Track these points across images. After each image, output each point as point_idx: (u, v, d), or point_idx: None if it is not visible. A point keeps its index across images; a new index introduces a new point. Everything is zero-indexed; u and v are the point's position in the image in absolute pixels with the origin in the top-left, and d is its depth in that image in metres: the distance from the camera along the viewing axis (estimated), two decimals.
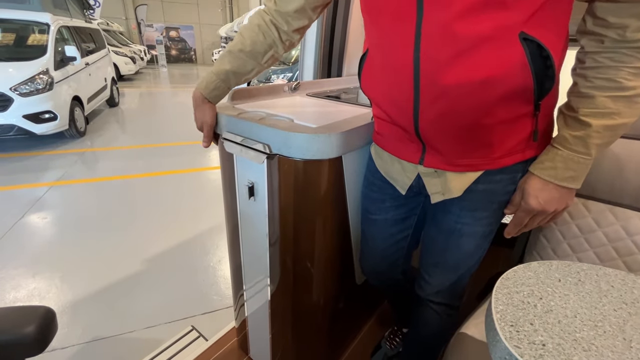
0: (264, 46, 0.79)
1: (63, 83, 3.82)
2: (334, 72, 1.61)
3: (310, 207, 0.84)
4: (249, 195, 0.86)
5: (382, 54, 0.62)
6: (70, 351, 1.38)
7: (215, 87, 0.81)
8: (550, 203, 0.60)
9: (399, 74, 0.59)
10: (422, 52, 0.54)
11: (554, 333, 0.33)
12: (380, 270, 0.97)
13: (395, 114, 0.66)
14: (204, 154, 3.89)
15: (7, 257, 1.95)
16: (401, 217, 0.85)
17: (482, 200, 0.69)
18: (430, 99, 0.57)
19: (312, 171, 0.80)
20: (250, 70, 0.81)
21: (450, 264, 0.80)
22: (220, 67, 0.80)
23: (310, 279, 0.96)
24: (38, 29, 3.97)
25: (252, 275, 1.04)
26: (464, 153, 0.63)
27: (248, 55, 0.79)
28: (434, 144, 0.64)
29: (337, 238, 0.97)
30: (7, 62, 3.55)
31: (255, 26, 0.78)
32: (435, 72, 0.54)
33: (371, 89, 0.71)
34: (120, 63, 8.39)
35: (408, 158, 0.71)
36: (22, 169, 3.17)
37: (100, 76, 5.16)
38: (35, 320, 0.41)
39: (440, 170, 0.68)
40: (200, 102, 0.83)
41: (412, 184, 0.75)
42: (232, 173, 0.91)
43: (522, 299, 0.38)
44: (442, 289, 0.85)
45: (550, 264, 0.44)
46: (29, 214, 2.41)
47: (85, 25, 5.15)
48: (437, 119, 0.59)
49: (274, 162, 0.78)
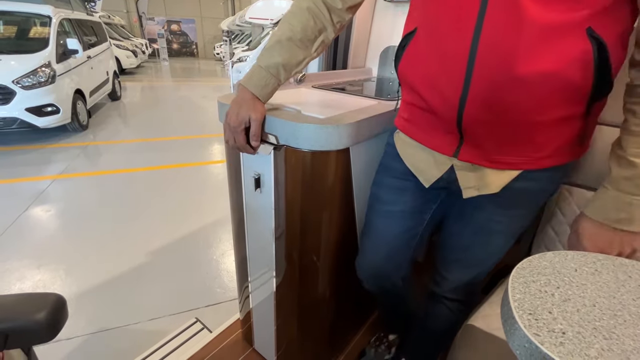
0: (315, 32, 0.72)
1: (65, 76, 3.81)
2: (339, 64, 1.59)
3: (317, 199, 0.83)
4: (255, 187, 0.84)
5: (434, 35, 0.57)
6: (75, 342, 1.39)
7: (266, 83, 0.72)
8: (610, 247, 0.56)
9: (450, 60, 0.55)
10: (482, 38, 0.50)
11: (573, 321, 0.33)
12: (383, 273, 0.90)
13: (436, 102, 0.61)
14: (206, 147, 3.88)
15: (12, 250, 1.96)
16: (418, 210, 0.80)
17: (518, 199, 0.65)
18: (482, 90, 0.53)
19: (319, 163, 0.78)
20: (301, 60, 0.74)
21: (472, 261, 0.78)
22: (269, 59, 0.71)
23: (315, 272, 0.94)
24: (40, 22, 3.96)
25: (257, 268, 1.03)
26: (506, 150, 0.59)
27: (299, 43, 0.71)
28: (475, 138, 0.60)
29: (343, 231, 0.95)
30: (10, 55, 3.55)
31: (304, 10, 0.71)
32: (493, 61, 0.50)
33: (411, 74, 0.65)
34: (122, 56, 8.37)
35: (441, 149, 0.66)
36: (25, 162, 3.18)
37: (102, 69, 5.15)
38: (46, 307, 0.41)
39: (477, 165, 0.63)
40: (249, 100, 0.72)
41: (441, 177, 0.70)
42: (238, 164, 0.90)
43: (538, 287, 0.37)
44: (459, 285, 0.84)
45: (566, 254, 0.44)
46: (33, 206, 2.42)
47: (87, 18, 5.12)
48: (485, 112, 0.55)
49: (281, 154, 0.76)
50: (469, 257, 0.78)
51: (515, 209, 0.68)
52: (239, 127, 0.71)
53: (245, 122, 0.71)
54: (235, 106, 0.72)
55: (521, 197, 0.65)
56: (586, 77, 0.50)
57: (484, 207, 0.69)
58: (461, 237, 0.77)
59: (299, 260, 0.91)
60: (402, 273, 0.90)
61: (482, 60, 0.51)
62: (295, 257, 0.91)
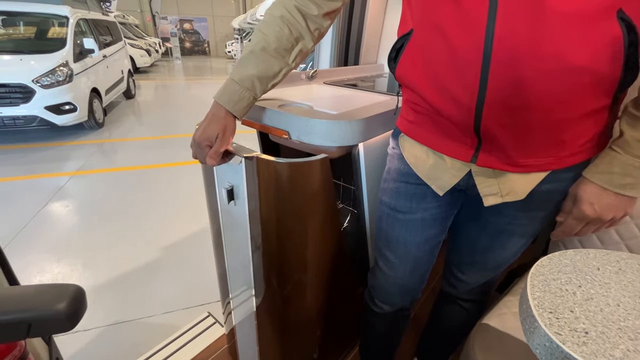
0: (291, 40, 0.67)
1: (82, 75, 3.89)
2: (350, 60, 1.58)
3: (295, 213, 0.76)
4: (229, 198, 0.76)
5: (437, 36, 0.52)
6: (93, 333, 1.43)
7: (239, 97, 0.66)
8: (608, 210, 0.54)
9: (461, 62, 0.50)
10: (497, 34, 0.46)
11: (596, 321, 0.32)
12: (407, 289, 0.83)
13: (446, 105, 0.56)
14: None
15: (32, 243, 2.02)
16: (441, 216, 0.73)
17: (541, 201, 0.62)
18: (501, 91, 0.49)
19: (295, 174, 0.71)
20: (277, 72, 0.68)
21: (490, 264, 0.75)
22: (242, 72, 0.66)
23: (299, 292, 0.88)
24: (58, 22, 4.05)
25: (237, 284, 0.97)
26: (530, 152, 0.55)
27: (273, 53, 0.66)
28: (496, 142, 0.55)
29: (328, 246, 0.87)
30: (29, 55, 3.65)
31: (277, 19, 0.67)
32: (512, 58, 0.46)
33: (411, 77, 0.60)
34: (136, 55, 8.51)
35: (456, 155, 0.60)
36: (45, 158, 3.27)
37: (117, 68, 5.24)
38: (66, 297, 0.42)
39: (498, 170, 0.58)
40: (221, 117, 0.67)
41: (458, 183, 0.64)
42: (211, 174, 0.83)
43: (559, 286, 0.36)
44: (475, 287, 0.81)
45: (588, 252, 0.42)
46: (52, 202, 2.49)
47: (103, 18, 5.22)
48: (506, 113, 0.50)
49: (251, 164, 0.68)
50: (487, 260, 0.75)
51: (538, 211, 0.64)
52: (203, 142, 0.66)
53: (211, 139, 0.66)
54: (205, 121, 0.67)
55: (545, 199, 0.62)
56: (615, 67, 0.46)
57: (504, 211, 0.65)
58: (479, 240, 0.73)
59: (280, 279, 0.84)
60: (424, 286, 0.85)
61: (499, 58, 0.47)
62: (275, 276, 0.83)
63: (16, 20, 4.07)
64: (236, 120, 0.69)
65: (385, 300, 0.86)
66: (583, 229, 0.59)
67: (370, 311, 0.91)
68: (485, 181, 0.61)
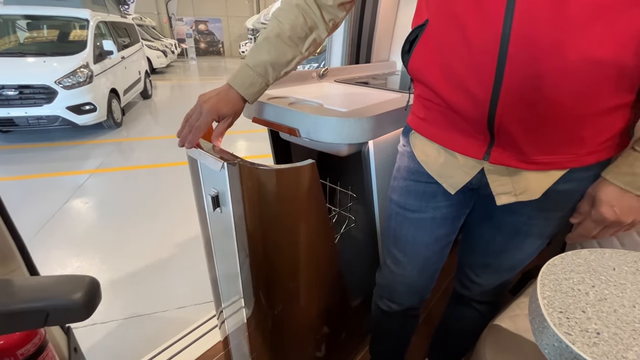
0: (305, 29, 0.68)
1: (101, 76, 4.02)
2: (362, 58, 1.58)
3: (284, 222, 0.71)
4: (214, 205, 0.72)
5: (452, 27, 0.51)
6: (110, 326, 1.48)
7: (251, 82, 0.67)
8: (628, 213, 0.52)
9: (476, 54, 0.48)
10: (515, 25, 0.44)
11: (609, 322, 0.31)
12: (415, 288, 0.82)
13: (459, 99, 0.54)
14: (232, 144, 3.97)
15: (54, 238, 2.10)
16: (452, 216, 0.72)
17: (559, 200, 0.59)
18: (517, 86, 0.47)
19: (282, 180, 0.66)
20: (290, 59, 0.69)
21: (505, 265, 0.73)
22: (256, 57, 0.67)
23: (292, 304, 0.84)
24: (79, 25, 4.19)
25: (228, 294, 0.94)
26: (546, 149, 0.53)
27: (287, 41, 0.67)
28: (510, 138, 0.53)
29: (319, 255, 0.82)
30: (52, 57, 3.78)
31: (293, 7, 0.67)
32: (530, 51, 0.44)
33: (425, 70, 0.58)
34: (153, 57, 8.70)
35: (468, 152, 0.59)
36: (66, 157, 3.39)
37: (135, 69, 5.38)
38: (82, 287, 0.43)
39: (513, 167, 0.56)
40: (232, 99, 0.67)
41: (470, 181, 0.62)
42: (198, 179, 0.81)
43: (571, 285, 0.35)
44: (489, 288, 0.79)
45: (603, 252, 0.41)
46: (72, 199, 2.58)
47: (121, 20, 5.37)
48: (522, 109, 0.48)
49: (235, 170, 0.64)
50: (502, 262, 0.72)
51: (555, 211, 0.61)
52: (211, 115, 0.65)
53: (221, 115, 0.66)
54: (215, 96, 0.66)
55: (562, 199, 0.59)
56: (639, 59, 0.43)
57: (520, 211, 0.63)
58: (492, 241, 0.71)
59: (270, 291, 0.80)
60: (433, 286, 0.84)
61: (516, 51, 0.45)
62: (264, 288, 0.79)
63: (40, 24, 4.23)
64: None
65: (393, 299, 0.85)
66: (601, 232, 0.57)
67: (378, 310, 0.90)
68: (498, 179, 0.59)
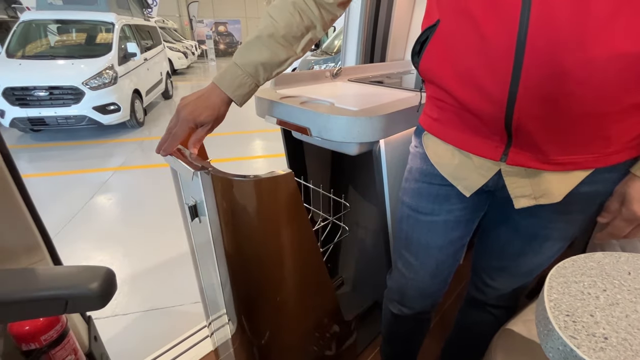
0: (301, 29, 0.64)
1: (125, 77, 4.17)
2: (377, 57, 1.57)
3: (261, 235, 0.66)
4: (192, 216, 0.69)
5: (465, 24, 0.49)
6: (130, 317, 1.54)
7: (241, 83, 0.63)
8: None
9: (491, 51, 0.46)
10: (532, 19, 0.42)
11: (619, 327, 0.29)
12: (428, 292, 0.79)
13: (473, 99, 0.52)
14: (248, 143, 4.03)
15: (80, 232, 2.21)
16: (465, 219, 0.69)
17: (581, 203, 0.56)
18: (537, 83, 0.44)
19: (257, 191, 0.61)
20: (284, 60, 0.65)
21: (522, 269, 0.70)
22: (246, 57, 0.63)
23: (276, 321, 0.79)
24: (105, 28, 4.37)
25: (213, 308, 0.90)
26: (569, 148, 0.50)
27: (281, 41, 0.63)
28: (529, 138, 0.50)
29: (306, 270, 0.77)
30: (80, 59, 3.96)
31: (288, 4, 0.64)
32: (550, 46, 0.42)
33: (437, 70, 0.56)
34: (174, 58, 8.95)
35: (484, 153, 0.56)
36: (91, 155, 3.55)
37: (157, 71, 5.55)
38: (99, 277, 0.45)
39: (532, 169, 0.54)
40: (216, 103, 0.63)
41: (486, 183, 0.60)
42: (179, 188, 0.77)
43: (581, 289, 0.34)
44: (505, 293, 0.76)
45: (619, 256, 0.39)
46: (97, 195, 2.69)
47: (144, 23, 5.55)
48: (542, 107, 0.46)
49: (207, 179, 0.59)
50: (519, 266, 0.70)
51: (577, 213, 0.58)
52: (189, 122, 0.62)
53: (199, 123, 0.62)
54: (197, 100, 0.63)
55: (585, 201, 0.56)
56: None
57: (538, 214, 0.60)
58: (510, 244, 0.68)
59: (251, 307, 0.76)
60: (445, 290, 0.81)
61: (535, 46, 0.43)
62: (245, 303, 0.75)
63: (69, 28, 4.43)
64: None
65: (404, 303, 0.83)
66: (632, 231, 0.54)
67: (389, 313, 0.89)
68: (517, 181, 0.56)
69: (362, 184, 1.25)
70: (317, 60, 4.71)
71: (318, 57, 4.81)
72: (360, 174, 1.24)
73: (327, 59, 4.65)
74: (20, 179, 0.74)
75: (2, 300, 0.43)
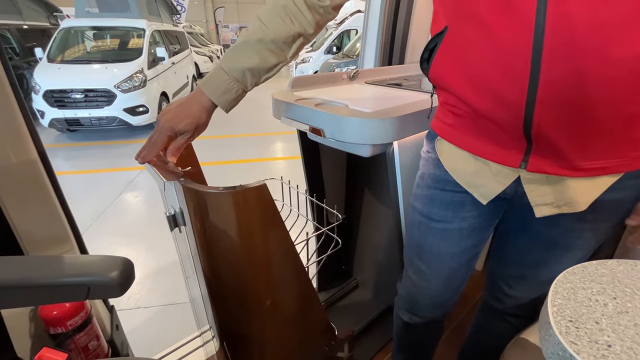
0: (292, 33, 0.61)
1: (154, 80, 4.36)
2: (395, 59, 1.56)
3: (239, 246, 0.62)
4: (171, 226, 0.65)
5: (475, 26, 0.48)
6: (151, 310, 1.61)
7: (227, 88, 0.60)
8: None
9: (507, 55, 0.45)
10: (549, 14, 0.40)
11: (625, 336, 0.28)
12: (440, 301, 0.77)
13: (488, 106, 0.50)
14: (271, 144, 4.10)
15: (107, 227, 2.33)
16: (480, 226, 0.67)
17: (606, 211, 0.54)
18: (556, 86, 0.43)
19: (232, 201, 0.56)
20: (273, 65, 0.63)
21: (543, 278, 0.66)
22: (234, 62, 0.60)
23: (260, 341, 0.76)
24: (136, 34, 4.59)
25: (202, 321, 0.88)
26: (593, 153, 0.47)
27: (271, 46, 0.60)
28: (552, 143, 0.48)
29: (288, 286, 0.72)
30: (113, 64, 4.19)
31: (279, 9, 0.60)
32: (570, 47, 0.40)
33: (448, 77, 0.55)
34: (200, 62, 9.24)
35: (503, 160, 0.54)
36: (121, 154, 3.73)
37: (183, 74, 5.77)
38: (119, 267, 0.48)
39: (554, 175, 0.51)
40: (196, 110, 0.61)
41: (504, 190, 0.57)
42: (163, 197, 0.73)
43: (588, 295, 0.33)
44: (525, 302, 0.73)
45: (635, 264, 0.37)
46: (125, 192, 2.83)
47: (173, 29, 5.79)
48: (563, 110, 0.44)
49: (181, 189, 0.55)
50: (539, 275, 0.66)
51: (601, 222, 0.55)
52: (165, 131, 0.60)
53: (177, 132, 0.60)
54: (178, 107, 0.61)
55: (610, 209, 0.54)
56: None
57: (560, 223, 0.57)
58: (529, 254, 0.65)
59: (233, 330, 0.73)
60: (457, 299, 0.79)
61: (553, 47, 0.41)
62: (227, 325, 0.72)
63: (104, 34, 4.70)
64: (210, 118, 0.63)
65: (414, 311, 0.82)
66: None
67: (400, 321, 0.87)
68: (538, 189, 0.54)
69: (377, 186, 1.24)
70: (339, 63, 4.74)
71: (339, 60, 4.83)
72: (375, 176, 1.23)
73: (349, 62, 4.67)
74: (54, 176, 0.80)
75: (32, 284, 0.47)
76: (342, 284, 1.43)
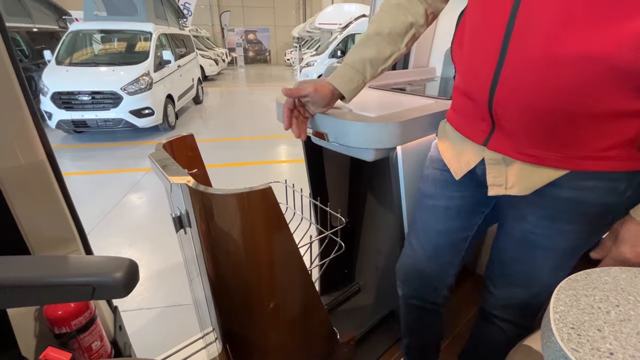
0: (405, 25, 0.69)
1: (160, 83, 4.40)
2: (399, 64, 1.56)
3: (243, 250, 0.62)
4: (176, 227, 0.65)
5: (477, 12, 0.54)
6: (154, 312, 1.61)
7: (350, 78, 0.70)
8: None
9: (486, 36, 0.51)
10: (521, 11, 0.45)
11: (628, 344, 0.28)
12: (426, 276, 0.81)
13: (472, 83, 0.56)
14: (274, 147, 4.12)
15: (113, 228, 2.34)
16: (466, 210, 0.72)
17: (566, 210, 0.57)
18: (514, 71, 0.48)
19: (237, 204, 0.57)
20: (388, 56, 0.70)
21: (516, 278, 0.70)
22: (355, 55, 0.70)
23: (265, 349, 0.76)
24: (143, 37, 4.65)
25: (204, 322, 0.88)
26: (539, 142, 0.52)
27: (387, 38, 0.68)
28: (507, 125, 0.54)
29: (292, 290, 0.72)
30: (119, 66, 4.24)
31: (393, 7, 0.69)
32: (528, 37, 0.45)
33: (457, 54, 0.62)
34: (205, 65, 9.33)
35: (473, 137, 0.61)
36: (126, 156, 3.76)
37: (189, 77, 5.82)
38: (123, 268, 0.49)
39: (508, 157, 0.57)
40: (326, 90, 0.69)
41: (474, 170, 0.64)
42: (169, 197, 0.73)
43: (591, 303, 0.33)
44: (510, 304, 0.75)
45: (638, 272, 0.37)
46: (130, 193, 2.85)
47: (179, 32, 5.85)
48: (516, 94, 0.49)
49: (187, 191, 0.55)
50: (513, 273, 0.70)
51: (564, 223, 0.58)
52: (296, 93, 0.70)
53: (303, 94, 0.69)
54: (313, 83, 0.70)
55: (570, 209, 0.56)
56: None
57: (526, 217, 0.61)
58: (505, 249, 0.70)
59: (235, 332, 0.72)
60: (449, 282, 0.83)
61: (518, 36, 0.46)
62: (230, 327, 0.72)
63: (112, 37, 4.76)
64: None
65: (405, 282, 0.87)
66: None
67: (399, 298, 0.92)
68: (495, 169, 0.59)
69: (380, 190, 1.24)
70: None
71: None
72: (378, 180, 1.23)
73: None
74: (61, 177, 0.81)
75: (38, 284, 0.47)
76: (345, 288, 1.43)
